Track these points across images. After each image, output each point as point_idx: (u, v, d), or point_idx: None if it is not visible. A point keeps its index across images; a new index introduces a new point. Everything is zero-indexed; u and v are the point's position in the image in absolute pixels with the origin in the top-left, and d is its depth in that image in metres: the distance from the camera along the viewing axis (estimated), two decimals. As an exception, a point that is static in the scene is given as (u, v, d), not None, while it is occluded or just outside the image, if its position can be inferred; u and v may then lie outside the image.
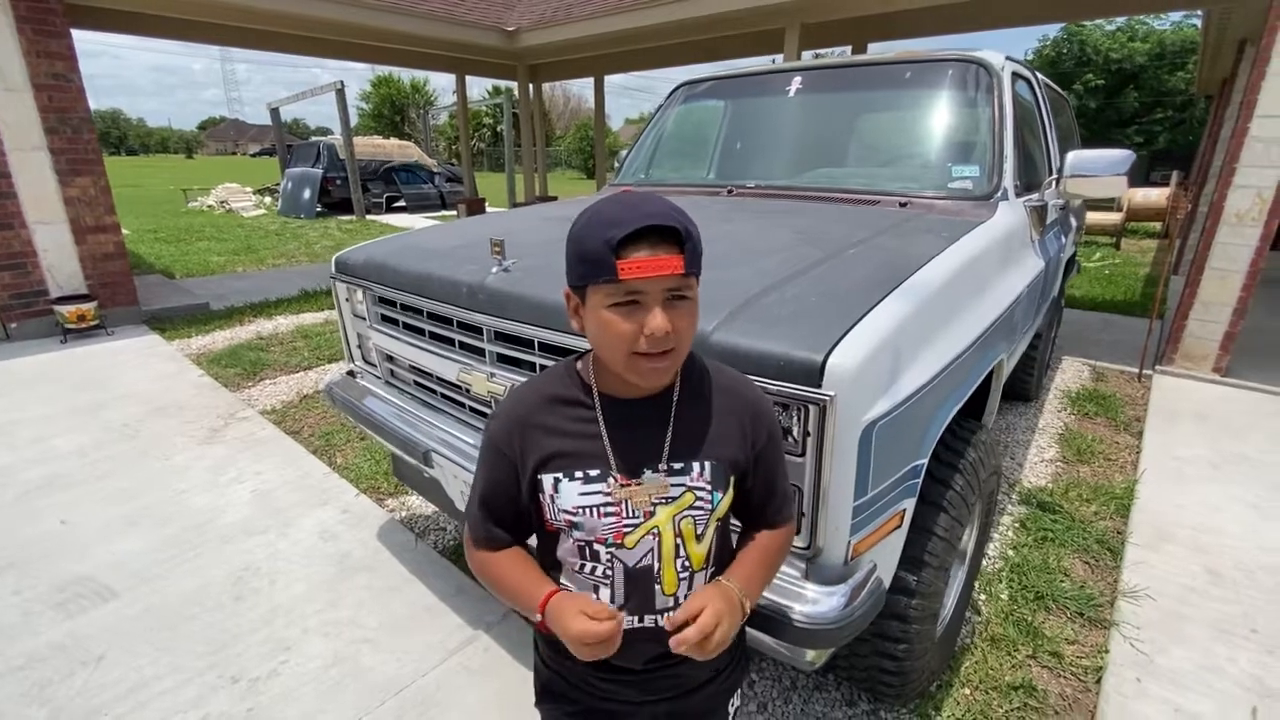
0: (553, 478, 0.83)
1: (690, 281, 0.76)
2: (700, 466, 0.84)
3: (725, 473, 0.86)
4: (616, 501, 0.82)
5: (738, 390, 0.90)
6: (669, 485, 0.83)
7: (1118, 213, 10.38)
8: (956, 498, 1.50)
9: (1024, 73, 2.62)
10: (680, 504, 0.84)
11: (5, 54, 4.47)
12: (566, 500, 0.83)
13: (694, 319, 0.78)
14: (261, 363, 4.53)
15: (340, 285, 2.19)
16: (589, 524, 0.83)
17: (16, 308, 4.88)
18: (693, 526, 0.85)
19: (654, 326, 0.73)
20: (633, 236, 0.71)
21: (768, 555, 0.92)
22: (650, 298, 0.74)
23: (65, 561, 2.34)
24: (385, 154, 16.53)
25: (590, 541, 0.85)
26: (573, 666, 0.94)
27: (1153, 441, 3.30)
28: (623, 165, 3.16)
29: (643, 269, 0.71)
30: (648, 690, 0.94)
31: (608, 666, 0.91)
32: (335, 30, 7.37)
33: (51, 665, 1.88)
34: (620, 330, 0.74)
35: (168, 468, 3.04)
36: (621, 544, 0.84)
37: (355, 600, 2.17)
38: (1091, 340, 5.17)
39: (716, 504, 0.85)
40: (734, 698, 1.04)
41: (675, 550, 0.85)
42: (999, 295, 1.79)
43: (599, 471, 0.83)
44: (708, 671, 0.96)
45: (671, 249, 0.73)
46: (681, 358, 0.80)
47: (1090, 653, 1.99)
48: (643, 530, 0.83)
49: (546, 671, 0.99)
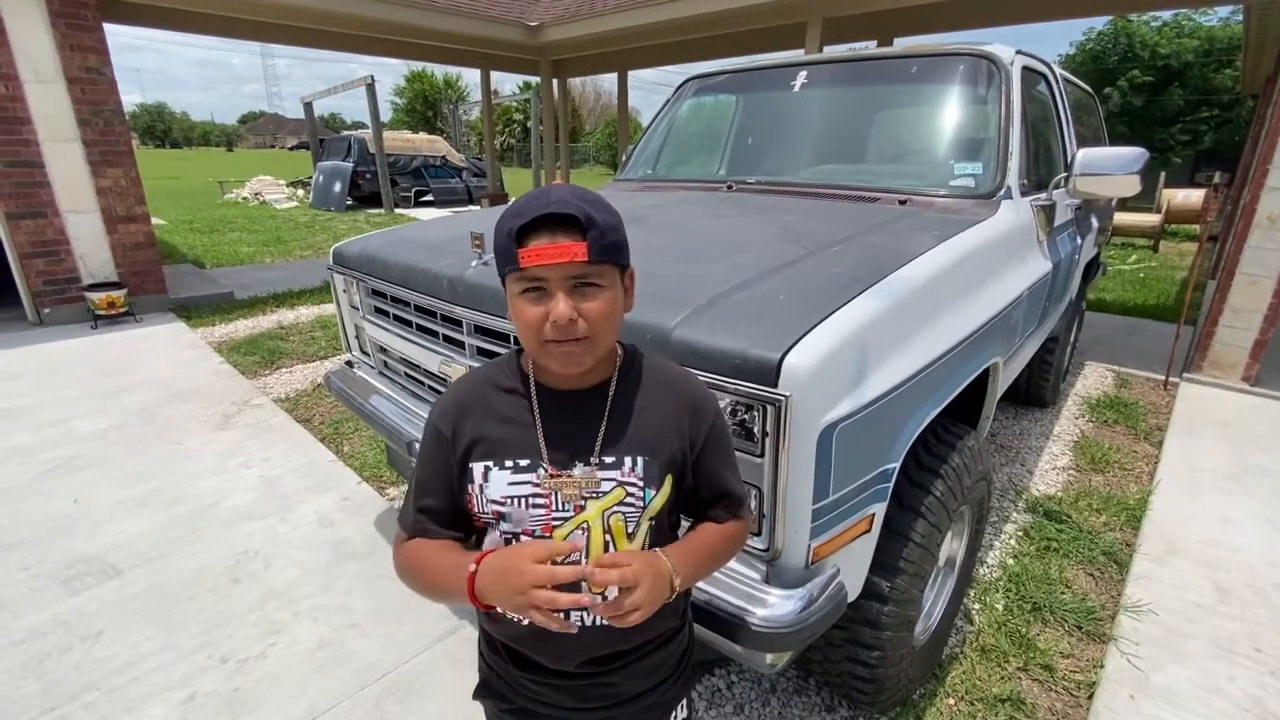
0: (483, 465, 0.83)
1: (600, 269, 0.76)
2: (632, 461, 0.83)
3: (660, 470, 0.84)
4: (546, 493, 0.81)
5: (677, 385, 0.89)
6: (600, 479, 0.82)
7: (1156, 214, 10.01)
8: (936, 504, 1.46)
9: (1039, 68, 2.54)
10: (610, 499, 0.82)
11: (39, 48, 4.64)
12: (495, 489, 0.82)
13: (607, 306, 0.77)
14: (279, 351, 4.64)
15: (337, 276, 2.22)
16: (516, 515, 0.82)
17: (49, 294, 5.07)
18: (623, 523, 0.83)
19: (557, 313, 0.74)
20: (533, 225, 0.73)
21: (711, 544, 0.89)
22: (553, 284, 0.74)
23: (74, 540, 2.43)
24: (414, 149, 16.75)
25: (518, 534, 0.83)
26: (507, 668, 0.93)
27: (1172, 451, 3.18)
28: (628, 160, 3.15)
29: (540, 256, 0.72)
30: (579, 698, 0.91)
31: (541, 669, 0.90)
32: (363, 25, 7.48)
33: (51, 640, 1.95)
34: (528, 317, 0.76)
35: (180, 452, 3.13)
36: (549, 538, 0.82)
37: (347, 586, 2.21)
38: (1117, 345, 5.01)
39: (649, 501, 0.83)
40: (678, 710, 1.01)
41: (605, 547, 0.83)
42: (993, 296, 1.74)
43: (529, 461, 0.82)
44: (644, 684, 0.94)
45: (573, 236, 0.73)
46: (599, 345, 0.79)
47: (1085, 667, 1.93)
48: (572, 525, 0.82)
49: (486, 668, 0.99)
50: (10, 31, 4.50)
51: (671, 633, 0.95)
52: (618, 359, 0.87)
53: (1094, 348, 4.91)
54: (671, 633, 0.95)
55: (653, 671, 0.94)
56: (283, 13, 6.69)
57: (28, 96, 4.65)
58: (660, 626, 0.92)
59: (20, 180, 4.76)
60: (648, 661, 0.92)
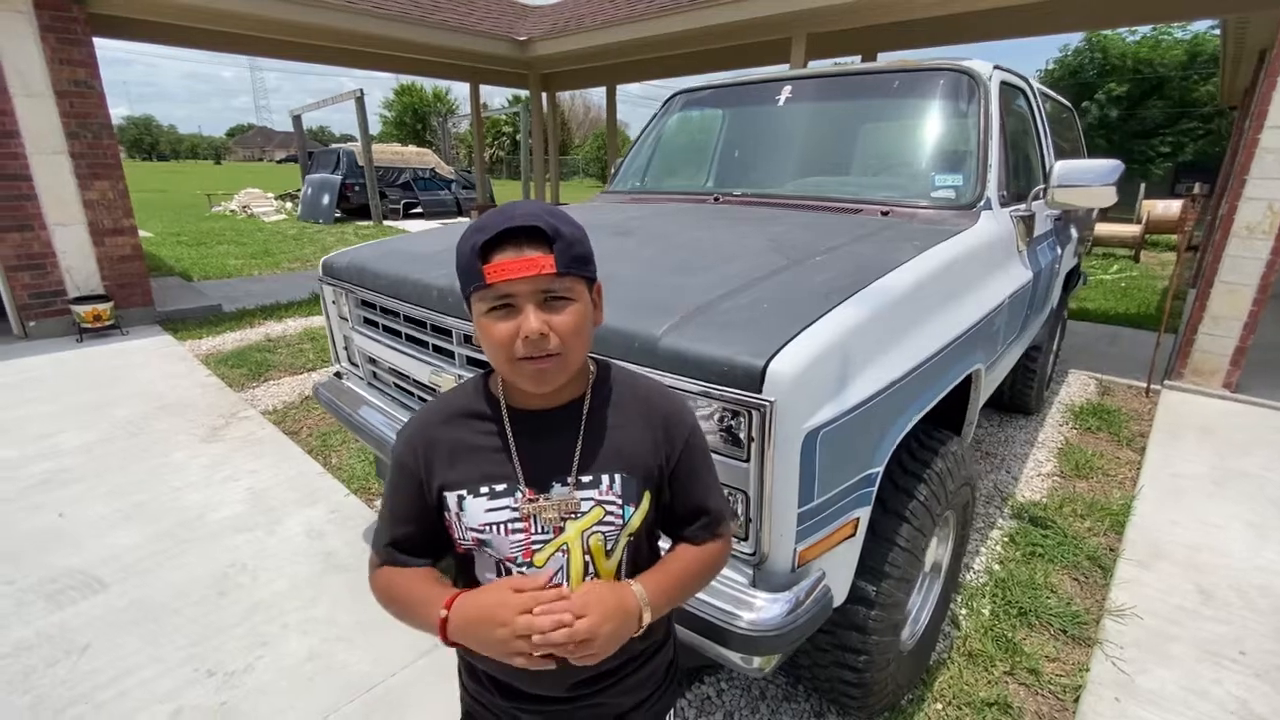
0: (457, 495, 0.81)
1: (568, 283, 0.74)
2: (610, 479, 0.81)
3: (637, 486, 0.83)
4: (524, 517, 0.80)
5: (651, 399, 0.87)
6: (578, 500, 0.80)
7: (1137, 225, 10.20)
8: (920, 508, 1.48)
9: (1017, 82, 2.61)
10: (589, 519, 0.81)
11: (28, 61, 4.63)
12: (473, 517, 0.80)
13: (577, 320, 0.75)
14: (267, 364, 4.62)
15: (327, 288, 2.23)
16: (496, 541, 0.80)
17: (35, 307, 5.03)
18: (602, 543, 0.82)
19: (528, 328, 0.72)
20: (498, 240, 0.71)
21: (686, 569, 0.86)
22: (522, 299, 0.72)
23: (60, 554, 2.40)
24: (404, 161, 16.78)
25: (500, 560, 0.82)
26: (492, 699, 0.91)
27: (1155, 457, 3.23)
28: (617, 172, 3.19)
29: (507, 270, 0.71)
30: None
31: (529, 697, 0.88)
32: (354, 40, 7.52)
33: (38, 654, 1.93)
34: (497, 335, 0.73)
35: (166, 465, 3.10)
36: (530, 562, 0.81)
37: (335, 598, 2.20)
38: (1100, 354, 5.08)
39: (628, 519, 0.82)
40: (668, 717, 1.01)
41: (585, 568, 0.82)
42: (974, 304, 1.77)
43: (505, 486, 0.80)
44: (635, 698, 0.93)
45: (540, 249, 0.71)
46: (571, 361, 0.77)
47: (1070, 671, 1.95)
48: (552, 547, 0.81)
49: (468, 698, 0.96)
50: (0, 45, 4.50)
51: (657, 646, 0.94)
52: (590, 375, 0.85)
53: (1077, 356, 4.98)
54: (657, 646, 0.94)
55: (641, 686, 0.93)
56: (273, 27, 6.72)
57: (16, 109, 4.64)
58: (647, 641, 0.90)
59: (7, 193, 4.74)
60: (636, 677, 0.91)
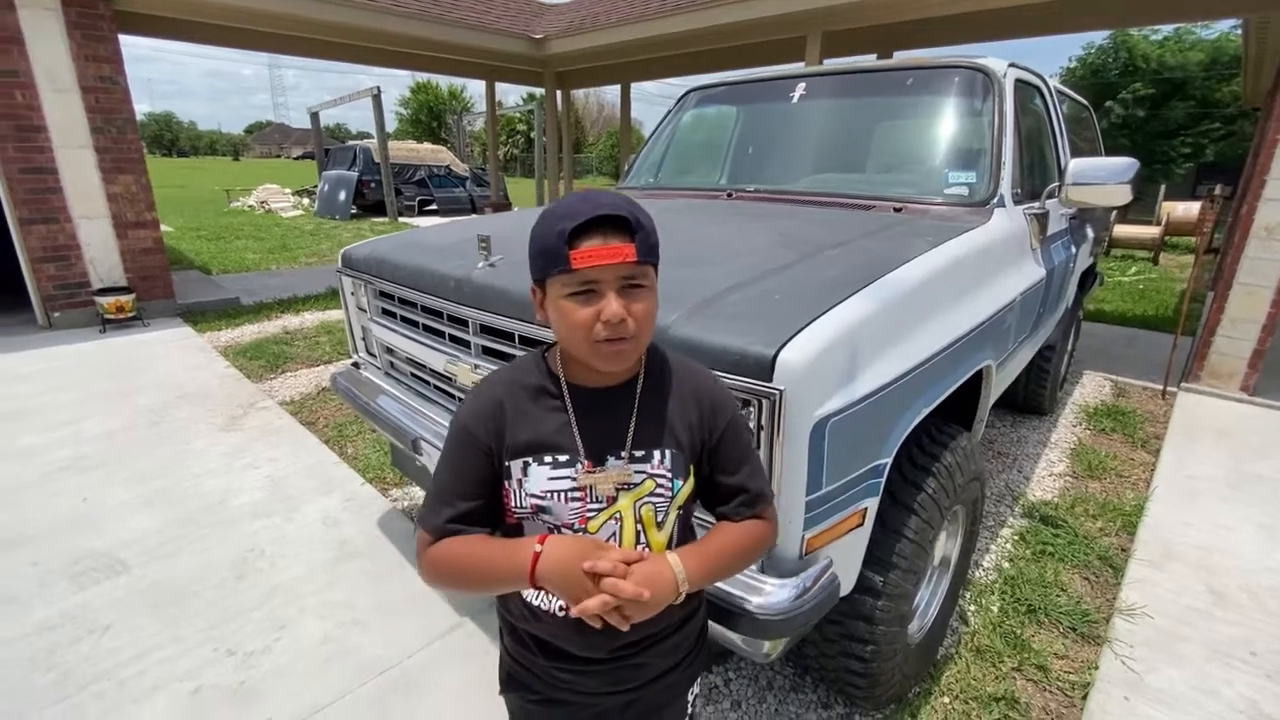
0: (522, 462, 0.85)
1: (645, 270, 0.79)
2: (661, 455, 0.86)
3: (685, 461, 0.88)
4: (582, 487, 0.85)
5: (698, 381, 0.92)
6: (632, 472, 0.86)
7: (1156, 227, 10.07)
8: (929, 501, 1.50)
9: (1032, 80, 2.60)
10: (641, 490, 0.86)
11: (55, 57, 4.74)
12: (535, 484, 0.85)
13: (651, 306, 0.80)
14: (284, 356, 4.69)
15: (346, 279, 2.27)
16: (556, 508, 0.85)
17: (60, 298, 5.14)
18: (653, 513, 0.88)
19: (610, 312, 0.76)
20: (585, 227, 0.75)
21: (726, 545, 0.90)
22: (605, 285, 0.76)
23: (82, 537, 2.47)
24: (419, 158, 16.91)
25: (557, 526, 0.87)
26: (535, 659, 0.95)
27: (1169, 459, 3.21)
28: (631, 168, 3.21)
29: (594, 257, 0.74)
30: (611, 681, 0.94)
31: (571, 657, 0.92)
32: (373, 38, 7.59)
33: (62, 633, 1.99)
34: (578, 318, 0.77)
35: (187, 452, 3.17)
36: (585, 529, 0.86)
37: (351, 584, 2.24)
38: (1115, 355, 5.04)
39: (676, 491, 0.88)
40: (694, 686, 1.05)
41: (636, 536, 0.87)
42: (985, 300, 1.78)
43: (567, 458, 0.85)
44: (671, 660, 0.97)
45: (623, 238, 0.76)
46: (642, 344, 0.82)
47: (1079, 669, 1.95)
48: (605, 515, 0.86)
49: (510, 661, 1.01)
50: (29, 41, 4.60)
51: (691, 612, 0.99)
52: (642, 357, 0.89)
53: (1092, 357, 4.94)
54: (691, 612, 0.99)
55: (676, 649, 0.97)
56: (295, 24, 6.80)
57: (43, 105, 4.75)
58: (687, 607, 0.95)
59: (34, 187, 4.85)
60: (672, 640, 0.96)
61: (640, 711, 0.99)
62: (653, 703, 0.99)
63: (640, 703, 0.98)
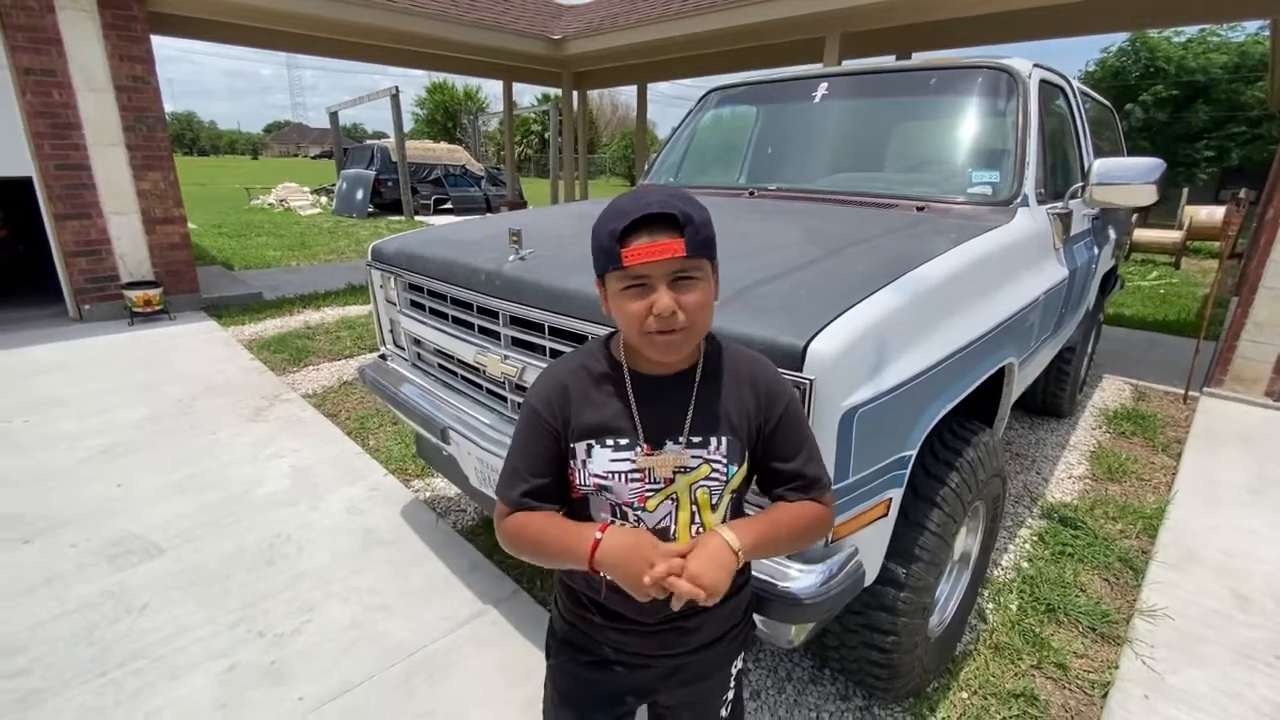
0: (586, 444, 0.90)
1: (697, 263, 0.82)
2: (717, 441, 0.91)
3: (740, 447, 0.92)
4: (641, 469, 0.90)
5: (755, 371, 0.95)
6: (688, 457, 0.90)
7: (1178, 231, 9.94)
8: (951, 495, 1.51)
9: (1056, 81, 2.60)
10: (697, 474, 0.91)
11: (91, 57, 4.86)
12: (598, 465, 0.90)
13: (705, 297, 0.83)
14: (307, 350, 4.78)
15: (375, 272, 2.33)
16: (616, 488, 0.90)
17: (91, 291, 5.26)
18: (708, 496, 0.92)
19: (660, 306, 0.80)
20: (634, 226, 0.79)
21: (779, 523, 0.93)
22: (656, 280, 0.80)
23: (119, 520, 2.54)
24: (435, 158, 17.06)
25: (620, 505, 0.92)
26: (590, 618, 1.00)
27: (1191, 463, 3.18)
28: (652, 167, 3.24)
29: (642, 255, 0.79)
30: (661, 645, 0.99)
31: (625, 619, 0.98)
32: (392, 38, 7.70)
33: (100, 611, 2.05)
34: (632, 311, 0.82)
35: (214, 441, 3.25)
36: (644, 507, 0.91)
37: (376, 571, 2.30)
38: (1136, 359, 5.00)
39: (731, 476, 0.92)
40: (737, 660, 1.09)
41: (691, 516, 0.92)
42: (1008, 298, 1.79)
43: (628, 441, 0.90)
44: (719, 629, 1.02)
45: (672, 234, 0.79)
46: (697, 334, 0.86)
47: (1099, 668, 1.95)
48: (662, 495, 0.91)
49: (564, 624, 1.06)
50: (66, 42, 4.73)
51: (740, 585, 1.04)
52: (701, 346, 0.93)
53: (1113, 361, 4.90)
54: (740, 585, 1.04)
55: (727, 618, 1.02)
56: (317, 25, 6.91)
57: (79, 103, 4.87)
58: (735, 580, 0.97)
59: (69, 183, 4.98)
60: (723, 609, 1.01)
61: (684, 679, 1.04)
62: (696, 671, 1.04)
63: (685, 670, 1.03)
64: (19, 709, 1.69)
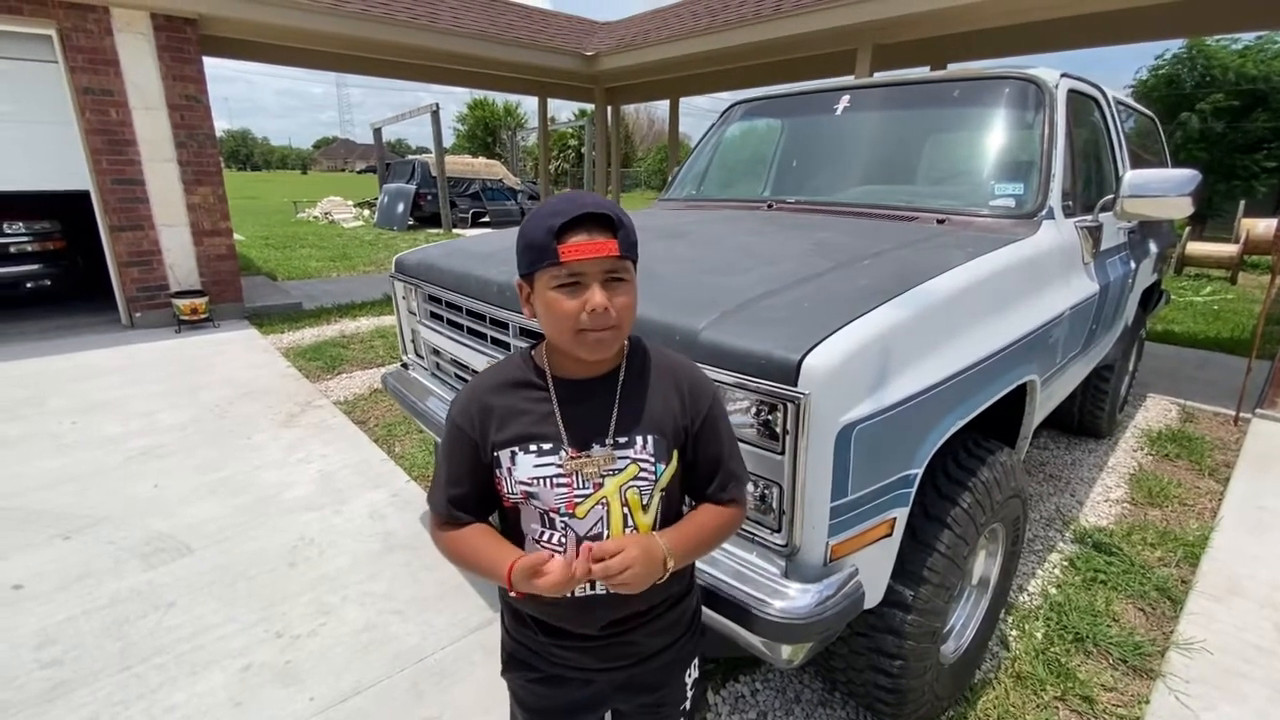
0: (509, 452, 0.90)
1: (626, 265, 0.85)
2: (644, 440, 0.91)
3: (667, 445, 0.92)
4: (568, 473, 0.89)
5: (677, 368, 0.97)
6: (615, 458, 0.90)
7: (1234, 245, 9.48)
8: (963, 515, 1.47)
9: (1087, 91, 2.53)
10: (626, 475, 0.90)
11: (147, 77, 5.15)
12: (522, 472, 0.90)
13: (631, 299, 0.86)
14: (341, 358, 4.92)
15: (398, 284, 2.39)
16: (543, 494, 0.90)
17: (142, 299, 5.53)
18: (638, 496, 0.92)
19: (595, 302, 0.82)
20: (571, 224, 0.81)
21: (705, 527, 0.95)
22: (590, 277, 0.82)
23: (153, 520, 2.65)
24: (474, 172, 17.47)
25: (547, 510, 0.91)
26: (532, 636, 1.01)
27: (1239, 488, 3.02)
28: (673, 181, 3.26)
29: (581, 251, 0.81)
30: (604, 658, 1.00)
31: (566, 634, 0.98)
32: (433, 57, 7.95)
33: (130, 607, 2.14)
34: (565, 308, 0.83)
35: (248, 445, 3.36)
36: (573, 514, 0.90)
37: (392, 575, 2.34)
38: (1185, 378, 4.77)
39: (659, 475, 0.92)
40: (690, 669, 1.09)
41: (623, 520, 0.91)
42: (1028, 313, 1.74)
43: (551, 445, 0.90)
44: (662, 641, 1.02)
45: (606, 234, 0.82)
46: (623, 334, 0.88)
47: (1128, 702, 1.86)
48: (592, 500, 0.90)
49: (511, 641, 1.06)
50: (123, 63, 5.03)
51: (680, 595, 1.03)
52: (624, 347, 0.95)
53: (1159, 380, 4.69)
54: (680, 595, 1.03)
55: (668, 629, 1.02)
56: (362, 45, 7.19)
57: (134, 121, 5.16)
58: (669, 590, 0.99)
59: (124, 196, 5.26)
60: (662, 621, 1.01)
61: (636, 690, 1.04)
62: (647, 682, 1.04)
63: (635, 681, 1.03)
64: (48, 699, 1.77)
